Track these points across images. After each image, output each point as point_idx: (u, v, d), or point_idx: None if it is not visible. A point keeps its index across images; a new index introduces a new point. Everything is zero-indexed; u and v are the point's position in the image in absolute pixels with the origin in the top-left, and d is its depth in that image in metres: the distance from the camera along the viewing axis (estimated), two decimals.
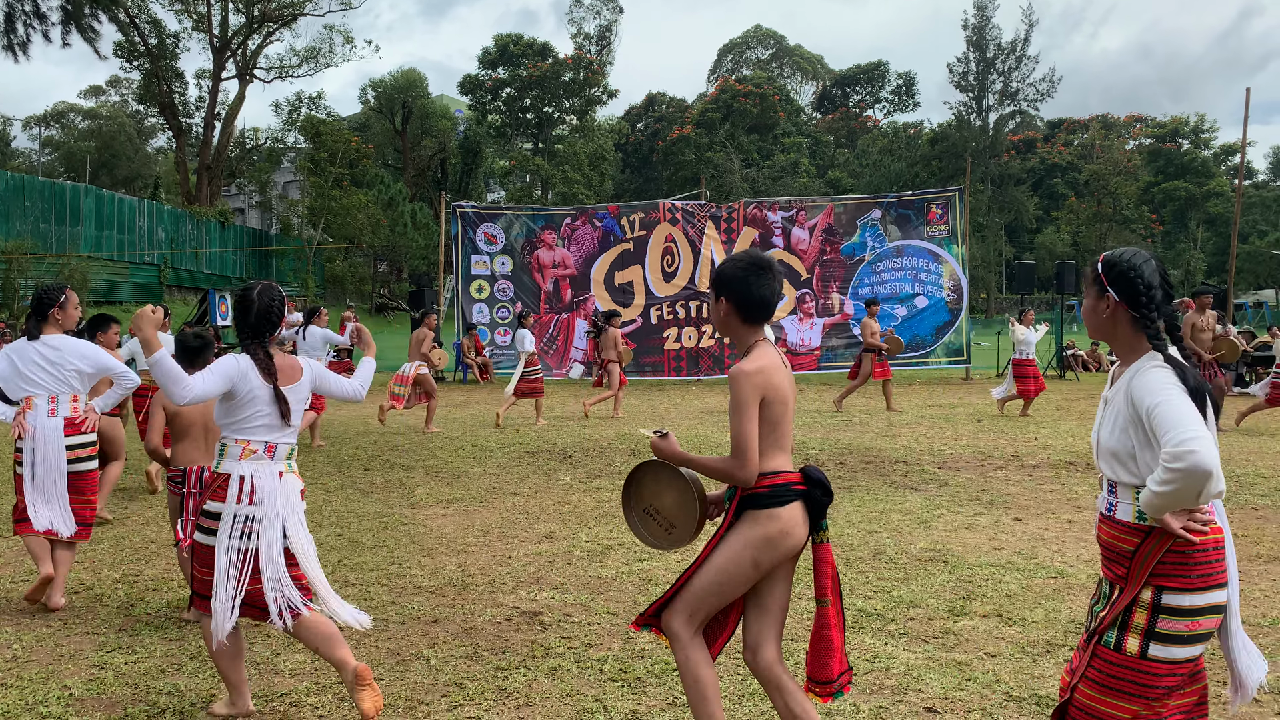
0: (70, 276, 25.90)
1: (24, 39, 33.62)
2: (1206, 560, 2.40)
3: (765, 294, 2.97)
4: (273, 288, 3.67)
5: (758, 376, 2.83)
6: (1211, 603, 2.40)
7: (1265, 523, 6.47)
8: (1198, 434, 2.24)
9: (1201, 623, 2.39)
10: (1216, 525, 2.43)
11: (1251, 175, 66.58)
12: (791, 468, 2.88)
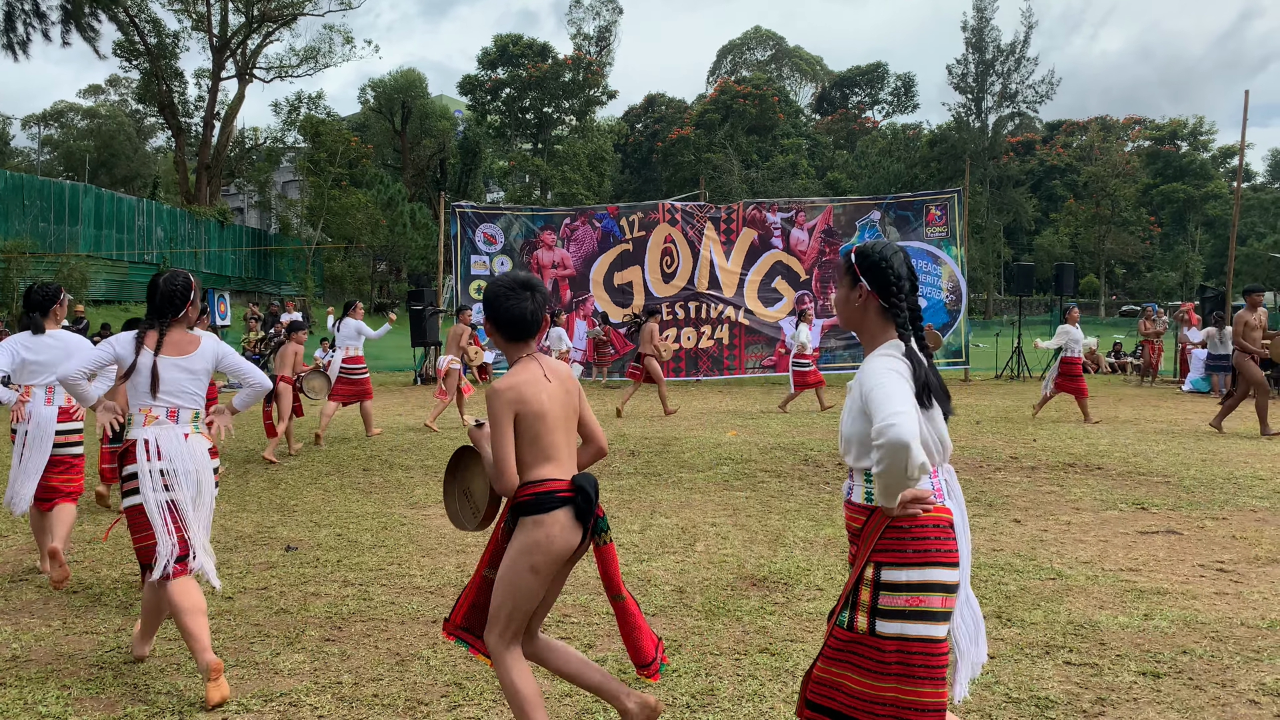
0: (69, 276, 25.90)
1: (24, 38, 33.61)
2: (924, 537, 2.44)
3: (519, 312, 3.09)
4: (178, 275, 4.13)
5: (508, 393, 2.98)
6: (932, 579, 2.42)
7: (1264, 525, 6.48)
8: (899, 410, 2.31)
9: (924, 599, 2.41)
10: (942, 506, 2.49)
11: (1250, 177, 66.66)
12: (561, 475, 2.99)
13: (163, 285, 4.09)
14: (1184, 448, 10.19)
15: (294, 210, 45.25)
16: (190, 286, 4.13)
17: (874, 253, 2.62)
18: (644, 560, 5.64)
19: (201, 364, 4.08)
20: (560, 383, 3.11)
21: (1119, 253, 53.70)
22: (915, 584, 2.42)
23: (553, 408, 3.04)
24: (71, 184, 33.22)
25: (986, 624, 4.42)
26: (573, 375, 3.23)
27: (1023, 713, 3.49)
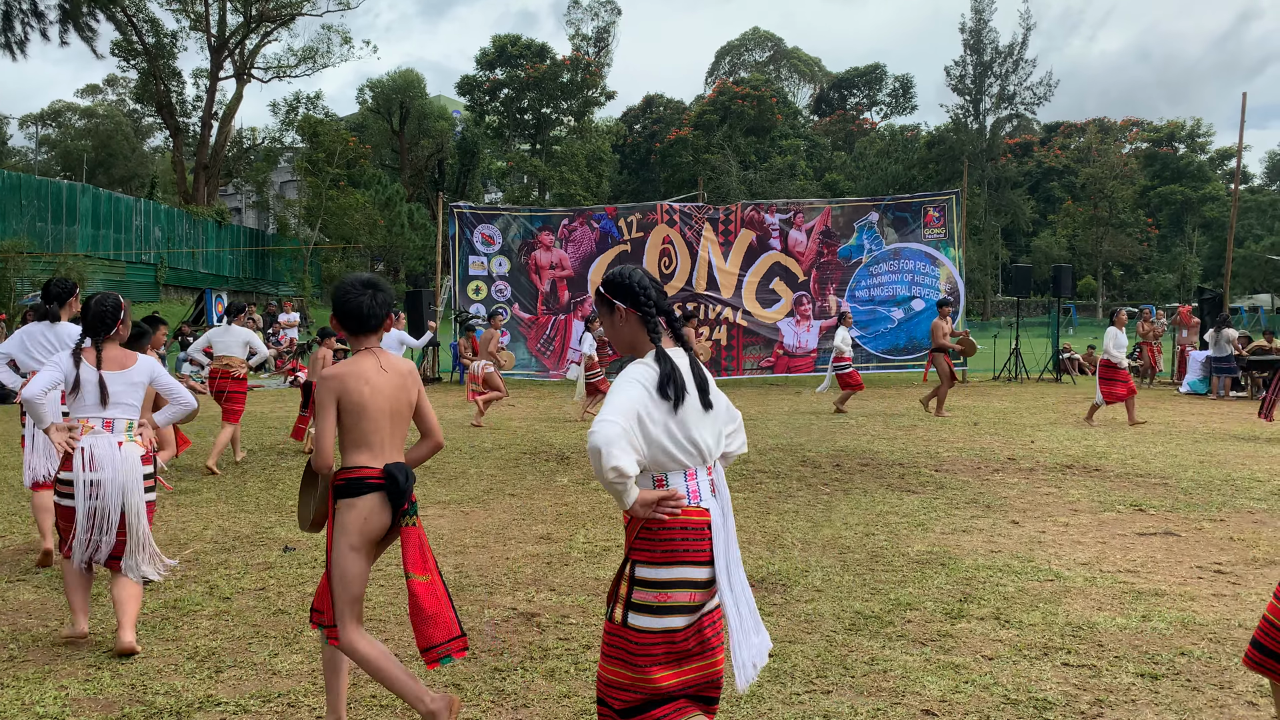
0: (67, 276, 25.84)
1: (21, 37, 33.58)
2: (672, 538, 2.59)
3: (356, 307, 3.31)
4: (108, 298, 4.47)
5: (333, 382, 3.23)
6: (679, 577, 2.58)
7: (1261, 526, 6.48)
8: (603, 418, 2.50)
9: (671, 595, 2.58)
10: (697, 508, 2.63)
11: (1247, 180, 66.75)
12: (375, 463, 3.23)
13: (94, 307, 4.42)
14: (1182, 449, 10.20)
15: (292, 210, 45.20)
16: (120, 307, 4.48)
17: (618, 276, 2.80)
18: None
19: (139, 378, 4.45)
20: (395, 378, 3.31)
21: (1116, 254, 53.74)
22: (663, 581, 2.59)
23: (375, 400, 3.25)
24: (69, 184, 33.17)
25: (984, 625, 4.43)
26: (414, 372, 3.43)
27: (1021, 714, 3.49)
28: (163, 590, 5.13)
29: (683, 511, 2.61)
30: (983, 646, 4.17)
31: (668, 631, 2.59)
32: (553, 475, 8.81)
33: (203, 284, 33.33)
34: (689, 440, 2.65)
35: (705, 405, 2.72)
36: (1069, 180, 58.20)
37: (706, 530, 2.63)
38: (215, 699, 3.68)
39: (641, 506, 2.58)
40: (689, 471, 2.66)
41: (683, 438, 2.64)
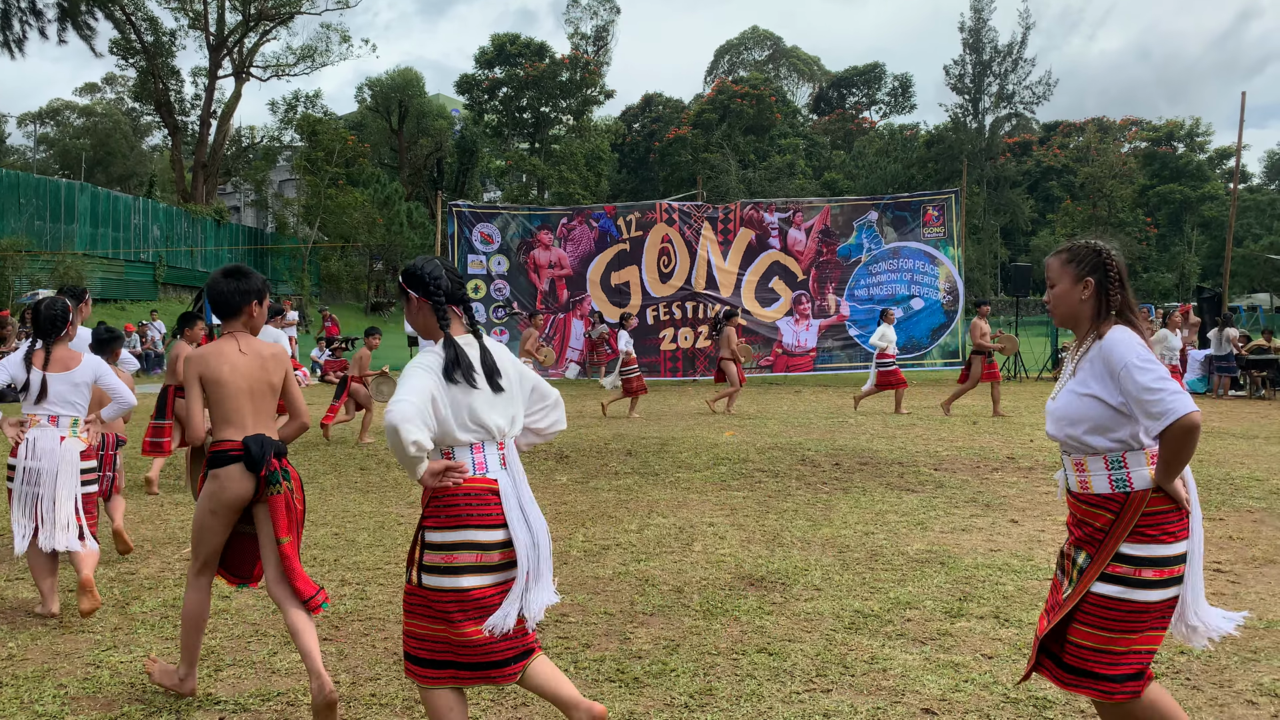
0: (65, 274, 25.84)
1: (20, 35, 33.54)
2: (455, 504, 2.86)
3: (217, 293, 3.73)
4: (57, 302, 4.81)
5: (196, 362, 3.62)
6: (464, 540, 2.85)
7: (1260, 525, 6.48)
8: (397, 399, 2.76)
9: (457, 556, 2.84)
10: (483, 477, 2.91)
11: (1246, 179, 66.81)
12: (236, 437, 3.58)
13: (44, 311, 4.76)
14: None
15: (290, 209, 45.18)
16: (69, 310, 4.83)
17: (412, 267, 3.06)
18: (641, 560, 5.64)
19: (83, 378, 4.81)
20: (255, 359, 3.67)
21: None
22: (449, 544, 2.85)
23: (235, 379, 3.62)
24: (67, 182, 33.15)
25: (984, 624, 4.42)
26: (279, 355, 3.75)
27: (1020, 712, 3.49)
28: (162, 589, 5.12)
29: (467, 480, 2.89)
30: (982, 645, 4.17)
31: (457, 590, 2.83)
32: (551, 474, 8.80)
33: (201, 283, 33.18)
34: (475, 419, 2.92)
35: (495, 389, 2.99)
36: (1068, 179, 58.22)
37: (492, 497, 2.90)
38: (214, 697, 3.67)
39: (430, 476, 2.86)
40: (475, 445, 2.93)
41: (468, 417, 2.91)
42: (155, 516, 6.95)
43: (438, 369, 2.89)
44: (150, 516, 6.97)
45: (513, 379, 3.08)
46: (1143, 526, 2.64)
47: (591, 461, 9.47)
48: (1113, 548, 2.66)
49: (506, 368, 3.07)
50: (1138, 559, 2.62)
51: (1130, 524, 2.64)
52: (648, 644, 4.21)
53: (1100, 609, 2.65)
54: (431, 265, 3.05)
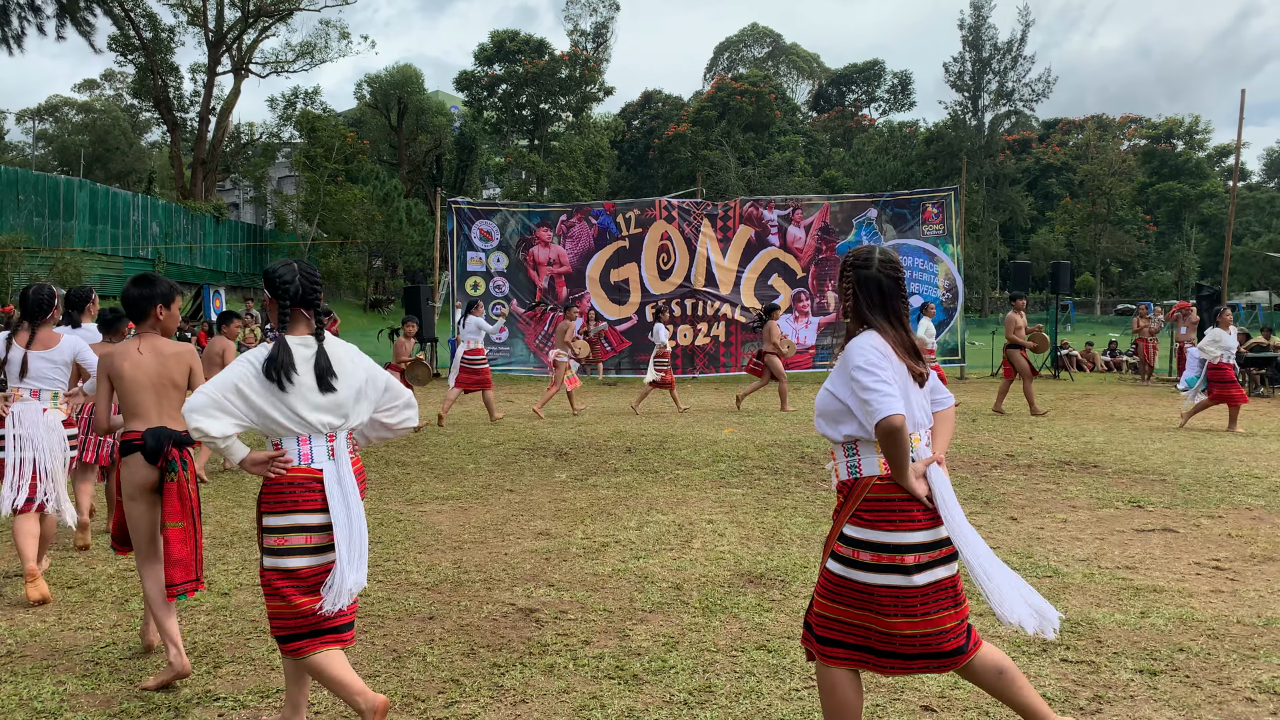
0: (64, 271, 25.82)
1: (18, 31, 33.43)
2: (280, 492, 3.14)
3: (126, 300, 4.09)
4: (44, 288, 5.30)
5: (103, 360, 4.03)
6: (292, 524, 3.12)
7: (1259, 523, 6.49)
8: (200, 390, 3.10)
9: (287, 539, 3.12)
10: (306, 467, 3.16)
11: (1245, 177, 66.80)
12: (140, 429, 3.93)
13: (31, 296, 5.27)
14: (1179, 446, 10.21)
15: (289, 206, 45.12)
16: (54, 295, 5.35)
17: (269, 270, 3.33)
18: (641, 557, 5.64)
19: (61, 356, 5.29)
20: (156, 357, 4.01)
21: (1115, 251, 53.78)
22: (280, 527, 3.13)
23: (137, 375, 3.96)
24: (66, 179, 33.09)
25: (982, 621, 4.42)
26: (181, 354, 4.08)
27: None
28: None
29: (292, 470, 3.15)
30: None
31: (288, 570, 3.12)
32: (551, 471, 8.80)
33: (200, 279, 33.28)
34: (296, 413, 3.17)
35: (324, 389, 3.21)
36: (1067, 177, 58.21)
37: (316, 485, 3.15)
38: (213, 694, 3.67)
39: (252, 465, 3.15)
40: (302, 438, 3.19)
41: (290, 411, 3.16)
42: None
43: (258, 365, 3.15)
44: None
45: (355, 380, 3.30)
46: (863, 511, 2.83)
47: (591, 458, 9.47)
48: (838, 529, 2.88)
49: (350, 370, 3.29)
50: (856, 541, 2.83)
51: (852, 508, 2.85)
52: (647, 641, 4.21)
53: (828, 583, 2.92)
54: (288, 270, 3.31)
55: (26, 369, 5.22)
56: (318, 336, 3.29)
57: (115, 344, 4.20)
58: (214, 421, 3.05)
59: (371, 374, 3.38)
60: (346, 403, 3.27)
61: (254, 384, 3.13)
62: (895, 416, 2.71)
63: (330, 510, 3.14)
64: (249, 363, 3.15)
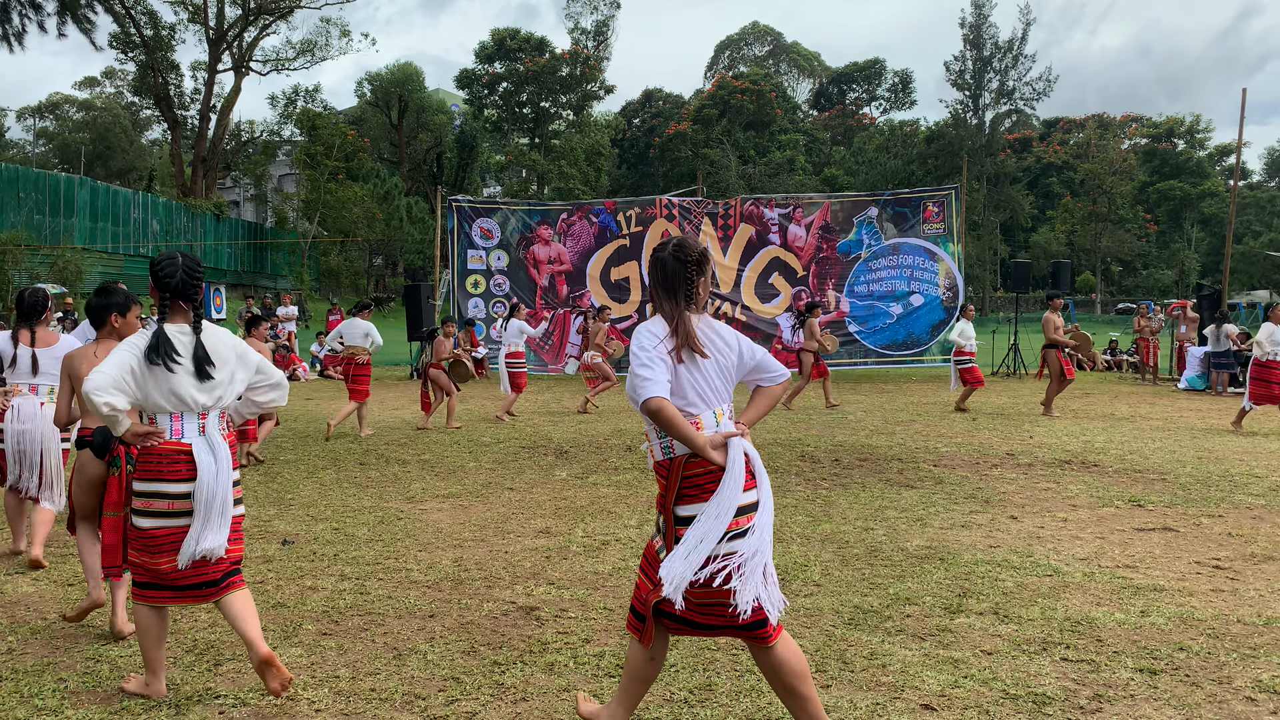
0: (64, 268, 25.82)
1: (19, 29, 33.43)
2: (152, 462, 3.53)
3: (88, 309, 4.51)
4: (39, 290, 5.63)
5: (65, 362, 4.37)
6: (155, 490, 3.53)
7: (1260, 522, 6.49)
8: (98, 369, 3.42)
9: (151, 503, 3.54)
10: (180, 443, 3.53)
11: (1246, 176, 66.79)
12: (92, 426, 4.32)
13: (28, 298, 5.59)
14: (1180, 445, 10.21)
15: (290, 204, 45.12)
16: (48, 298, 5.68)
17: (154, 261, 3.64)
18: (641, 555, 5.63)
19: (60, 353, 5.50)
20: (89, 361, 4.25)
21: (1115, 250, 53.76)
22: (146, 492, 3.55)
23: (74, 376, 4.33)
24: (67, 176, 33.10)
25: (983, 620, 4.43)
26: None
27: (1020, 709, 3.49)
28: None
29: (165, 443, 3.53)
30: (982, 641, 4.17)
31: (145, 530, 3.55)
32: (551, 469, 8.80)
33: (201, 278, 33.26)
34: (174, 394, 3.52)
35: (201, 376, 3.57)
36: (1068, 176, 58.20)
37: (183, 458, 3.53)
38: (214, 692, 3.68)
39: (133, 436, 3.51)
40: (175, 415, 3.55)
41: (168, 391, 3.52)
42: None
43: (141, 349, 3.50)
44: None
45: (230, 363, 3.66)
46: (687, 489, 2.93)
47: (591, 457, 9.48)
48: (670, 514, 2.95)
49: (225, 356, 3.65)
50: (688, 519, 2.90)
51: (675, 487, 2.94)
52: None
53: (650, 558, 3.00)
54: (170, 264, 3.63)
55: (38, 366, 5.55)
56: (195, 327, 3.62)
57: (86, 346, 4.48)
58: (115, 397, 3.41)
59: (244, 356, 3.73)
60: (220, 386, 3.63)
61: (138, 368, 3.50)
62: (652, 400, 2.85)
63: (196, 482, 3.51)
64: (134, 347, 3.51)
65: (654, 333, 3.01)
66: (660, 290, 3.11)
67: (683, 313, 3.04)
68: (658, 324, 3.05)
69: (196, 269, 3.65)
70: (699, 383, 3.00)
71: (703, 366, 3.01)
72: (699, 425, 2.97)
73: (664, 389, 2.88)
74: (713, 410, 3.03)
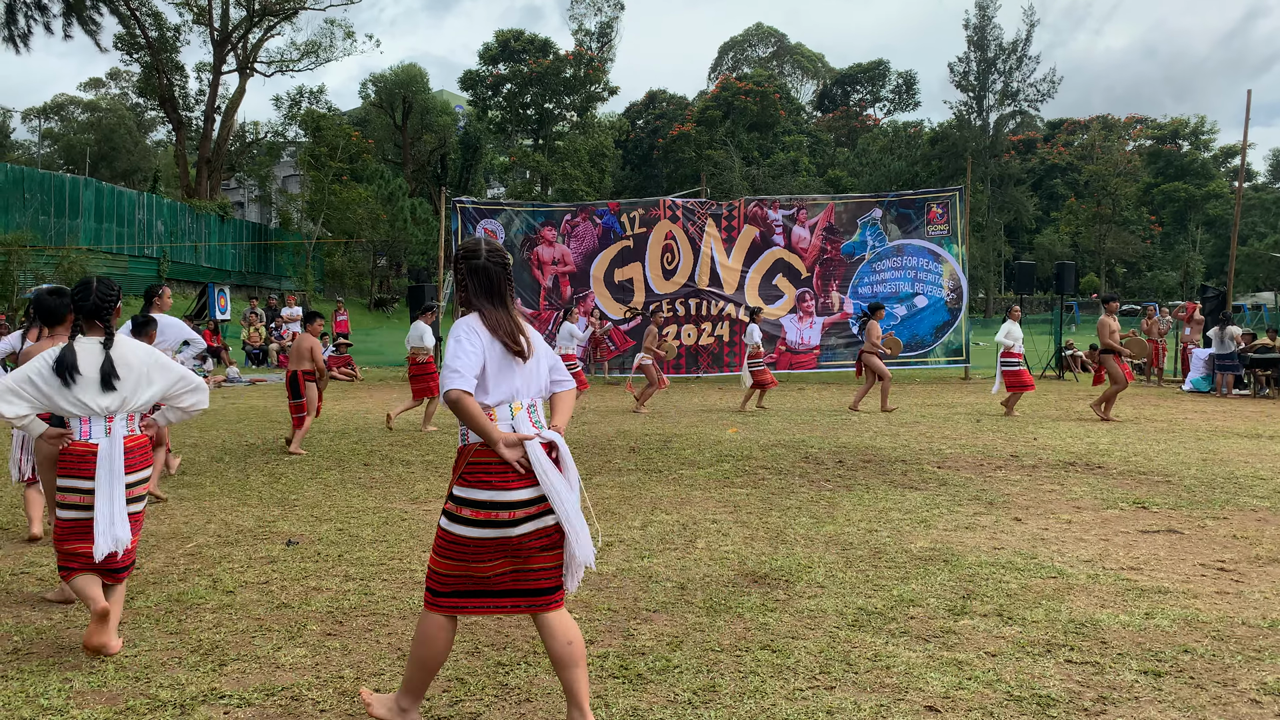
0: (70, 269, 25.87)
1: (25, 30, 33.55)
2: (65, 461, 4.09)
3: (42, 308, 5.06)
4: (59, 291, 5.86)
5: (27, 353, 5.11)
6: (68, 485, 4.08)
7: (1265, 524, 6.48)
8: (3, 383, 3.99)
9: (66, 497, 4.10)
10: (86, 443, 4.08)
11: (1251, 177, 66.66)
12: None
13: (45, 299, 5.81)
14: (1184, 447, 10.19)
15: (294, 205, 45.15)
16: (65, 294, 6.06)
17: (73, 290, 4.22)
18: (645, 556, 5.64)
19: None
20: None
21: (1120, 252, 53.69)
22: (62, 487, 4.09)
23: None
24: (72, 177, 33.16)
25: (987, 622, 4.43)
26: None
27: (1024, 711, 3.49)
28: (166, 584, 5.13)
29: (74, 444, 4.08)
30: (986, 643, 4.17)
31: (64, 521, 4.09)
32: None
33: (205, 278, 33.32)
34: (79, 401, 4.06)
35: (105, 386, 4.08)
36: (1072, 177, 58.13)
37: (90, 457, 4.06)
38: (219, 692, 3.68)
39: (47, 438, 4.10)
40: (83, 419, 4.09)
41: (73, 399, 4.06)
42: (161, 512, 6.96)
43: (50, 362, 4.01)
44: (155, 512, 6.98)
45: (137, 372, 4.17)
46: (467, 474, 3.18)
47: (594, 458, 9.48)
48: (450, 489, 3.25)
49: (134, 365, 4.17)
50: (462, 500, 3.18)
51: (459, 470, 3.23)
52: (651, 640, 4.22)
53: (440, 539, 3.25)
54: (84, 289, 4.20)
55: None
56: (105, 343, 4.15)
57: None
58: (9, 406, 3.94)
59: (163, 366, 4.28)
60: (125, 393, 4.16)
61: (46, 377, 4.01)
62: (451, 391, 3.10)
63: (96, 478, 4.02)
64: (45, 360, 4.02)
65: (472, 328, 3.24)
66: (481, 293, 3.32)
67: (501, 313, 3.29)
68: (475, 321, 3.27)
69: (109, 292, 4.22)
70: (509, 379, 3.25)
71: (514, 365, 3.26)
72: (493, 418, 3.21)
73: (467, 383, 3.11)
74: (512, 404, 3.26)
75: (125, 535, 3.99)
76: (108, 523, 3.96)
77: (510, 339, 3.24)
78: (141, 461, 4.16)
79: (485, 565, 3.19)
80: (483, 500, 3.15)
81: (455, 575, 3.22)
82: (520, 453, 3.16)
